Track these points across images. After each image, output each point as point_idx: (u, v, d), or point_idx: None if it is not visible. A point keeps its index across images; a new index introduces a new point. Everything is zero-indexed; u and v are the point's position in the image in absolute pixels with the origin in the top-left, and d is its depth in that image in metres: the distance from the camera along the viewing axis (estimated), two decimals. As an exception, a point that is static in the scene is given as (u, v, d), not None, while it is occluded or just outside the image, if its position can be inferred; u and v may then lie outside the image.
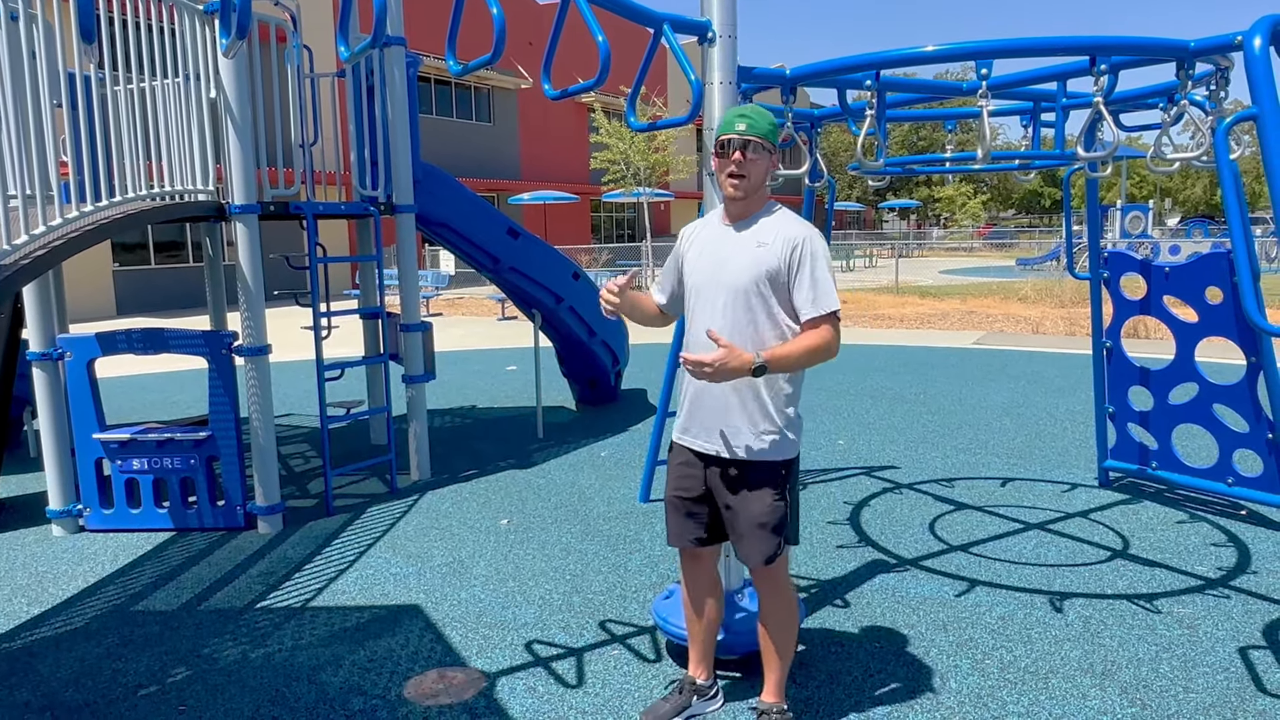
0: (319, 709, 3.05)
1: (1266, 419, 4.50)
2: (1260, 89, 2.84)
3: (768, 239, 2.59)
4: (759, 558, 2.65)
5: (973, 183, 52.73)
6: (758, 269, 2.56)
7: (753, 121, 2.56)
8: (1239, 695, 3.03)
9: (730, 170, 2.57)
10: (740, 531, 2.66)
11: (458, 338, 13.84)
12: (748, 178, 2.57)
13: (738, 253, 2.61)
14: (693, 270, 2.71)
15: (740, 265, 2.58)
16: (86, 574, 4.33)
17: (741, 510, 2.64)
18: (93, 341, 4.84)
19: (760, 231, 2.61)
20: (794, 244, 2.56)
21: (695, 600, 2.89)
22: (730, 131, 2.57)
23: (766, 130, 2.57)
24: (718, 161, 2.63)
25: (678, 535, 2.82)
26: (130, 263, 19.44)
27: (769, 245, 2.58)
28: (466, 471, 6.04)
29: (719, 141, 2.61)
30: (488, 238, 6.54)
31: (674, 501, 2.80)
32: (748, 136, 2.55)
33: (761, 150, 2.57)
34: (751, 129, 2.55)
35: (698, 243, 2.75)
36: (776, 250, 2.56)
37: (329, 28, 20.57)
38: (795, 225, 2.62)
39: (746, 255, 2.59)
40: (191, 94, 4.74)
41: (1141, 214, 24.05)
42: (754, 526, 2.62)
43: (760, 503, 2.62)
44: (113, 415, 5.82)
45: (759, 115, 2.59)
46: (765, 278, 2.56)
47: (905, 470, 5.89)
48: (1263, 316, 3.05)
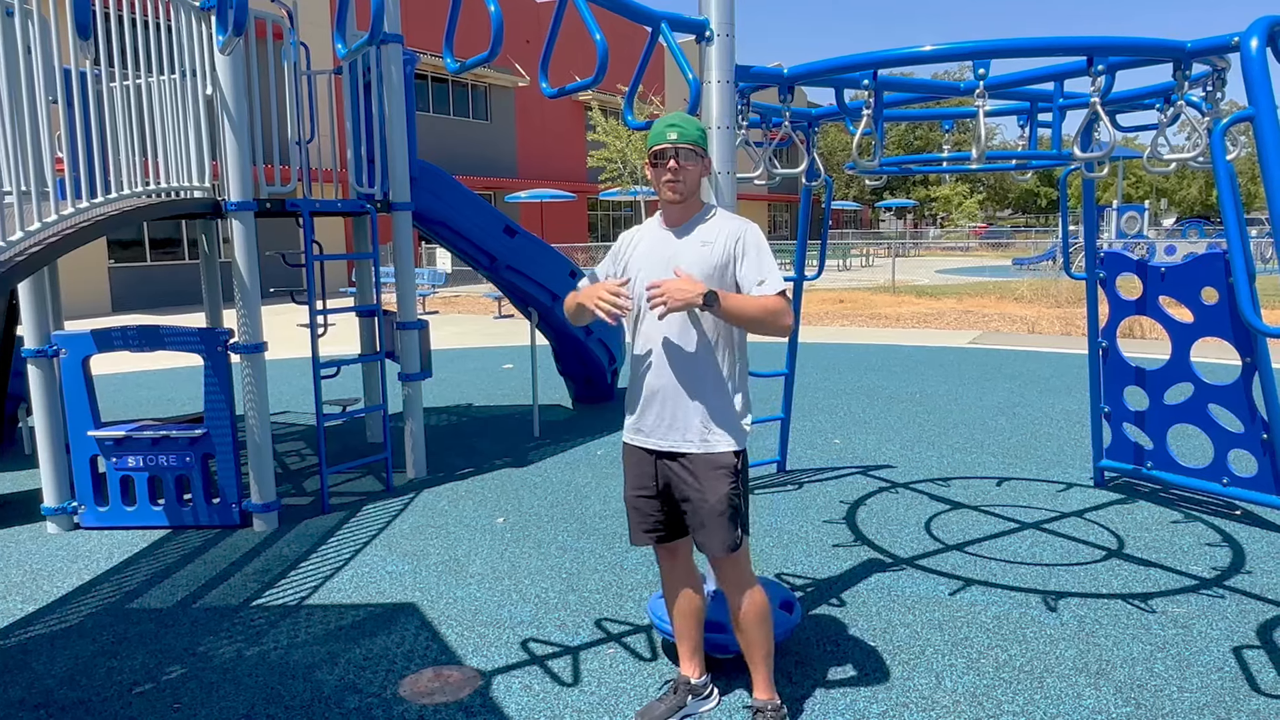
0: (314, 707, 3.04)
1: (1261, 419, 4.52)
2: (1257, 90, 2.84)
3: (711, 237, 2.70)
4: (721, 546, 2.70)
5: (969, 182, 52.81)
6: (705, 266, 2.66)
7: (682, 129, 2.67)
8: (1233, 695, 3.04)
9: (667, 178, 2.67)
10: (701, 521, 2.71)
11: (454, 336, 13.83)
12: (683, 182, 2.68)
13: (683, 254, 2.69)
14: (637, 275, 2.76)
15: (687, 266, 2.66)
16: (81, 571, 4.32)
17: (700, 501, 2.69)
18: (88, 338, 4.82)
19: (703, 232, 2.72)
20: (736, 236, 2.70)
21: (674, 595, 2.93)
22: (663, 141, 2.67)
23: (696, 136, 2.69)
24: (653, 170, 2.72)
25: (640, 532, 2.87)
26: (126, 259, 19.41)
27: (713, 243, 2.69)
28: (463, 470, 6.04)
29: (653, 151, 2.69)
30: (484, 236, 6.53)
31: (632, 501, 2.86)
32: (679, 145, 2.65)
33: (693, 156, 2.68)
34: (682, 137, 2.66)
35: (640, 249, 2.81)
36: (720, 245, 2.68)
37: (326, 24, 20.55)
38: (734, 221, 2.75)
39: (693, 254, 2.68)
40: (188, 90, 4.72)
41: (1137, 214, 24.08)
42: (714, 515, 2.68)
43: (717, 492, 2.68)
44: (108, 412, 5.81)
45: (687, 123, 2.71)
46: (714, 274, 2.65)
47: (901, 469, 5.90)
48: (1258, 317, 3.06)
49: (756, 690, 2.84)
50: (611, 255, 2.91)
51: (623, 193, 24.77)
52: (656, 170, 2.70)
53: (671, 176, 2.66)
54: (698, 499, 2.70)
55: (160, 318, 15.93)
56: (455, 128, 28.24)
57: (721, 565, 2.76)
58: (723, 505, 2.68)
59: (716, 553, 2.72)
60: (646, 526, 2.85)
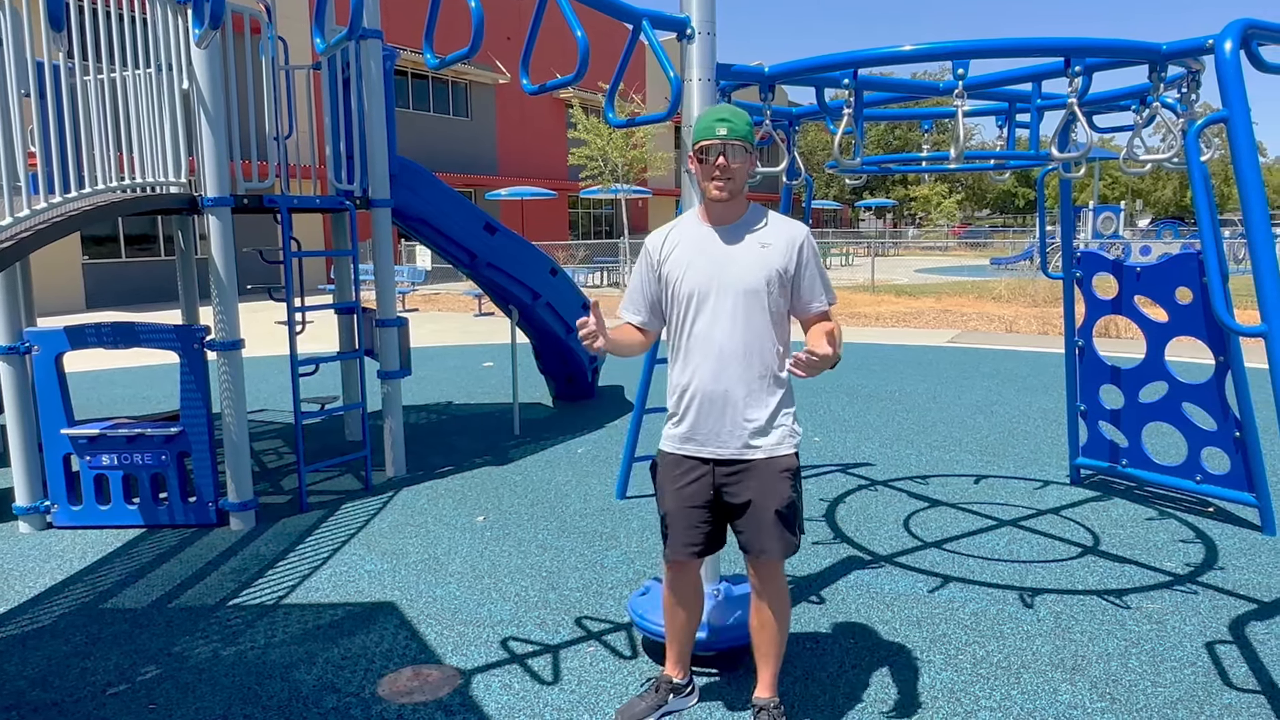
0: (292, 707, 3.02)
1: (1234, 417, 4.58)
2: (1230, 92, 2.88)
3: (770, 240, 2.62)
4: (781, 550, 2.66)
5: (948, 182, 53.16)
6: (766, 270, 2.59)
7: (732, 125, 2.56)
8: (1206, 689, 3.08)
9: (714, 175, 2.57)
10: (762, 526, 2.64)
11: (434, 333, 13.77)
12: (733, 179, 2.58)
13: (740, 254, 2.61)
14: (684, 275, 2.64)
15: (747, 267, 2.59)
16: (54, 571, 4.27)
17: (763, 506, 2.63)
18: (61, 335, 4.76)
19: (760, 233, 2.63)
20: (798, 244, 2.63)
21: (680, 606, 2.87)
22: (711, 136, 2.56)
23: (745, 131, 2.58)
24: (698, 166, 2.61)
25: (683, 546, 2.75)
26: (100, 255, 19.17)
27: (773, 246, 2.61)
28: (442, 468, 6.01)
29: (699, 146, 2.59)
30: (465, 233, 6.50)
31: (681, 512, 2.73)
32: (729, 141, 2.54)
33: (742, 152, 2.58)
34: (732, 132, 2.55)
35: (680, 249, 2.68)
36: (781, 250, 2.60)
37: (304, 19, 20.40)
38: (792, 226, 2.67)
39: (752, 257, 2.60)
40: (164, 85, 4.67)
41: (1113, 215, 24.37)
42: (777, 519, 2.63)
43: (780, 496, 2.63)
44: (81, 410, 5.74)
45: (736, 116, 2.59)
46: (774, 278, 2.59)
47: (880, 467, 5.93)
48: (1231, 316, 3.10)
49: (760, 688, 2.83)
50: (643, 266, 2.77)
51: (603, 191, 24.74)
52: (703, 167, 2.58)
53: (720, 174, 2.56)
54: (760, 504, 2.63)
55: (136, 314, 15.75)
56: (435, 124, 28.11)
57: (768, 570, 2.71)
58: (786, 509, 2.64)
59: (776, 556, 2.66)
60: (691, 540, 2.73)
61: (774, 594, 2.74)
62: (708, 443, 2.67)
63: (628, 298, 2.81)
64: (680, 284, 2.66)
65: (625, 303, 2.82)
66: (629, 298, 2.81)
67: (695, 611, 2.92)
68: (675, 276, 2.67)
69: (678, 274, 2.66)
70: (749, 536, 2.68)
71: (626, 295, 2.82)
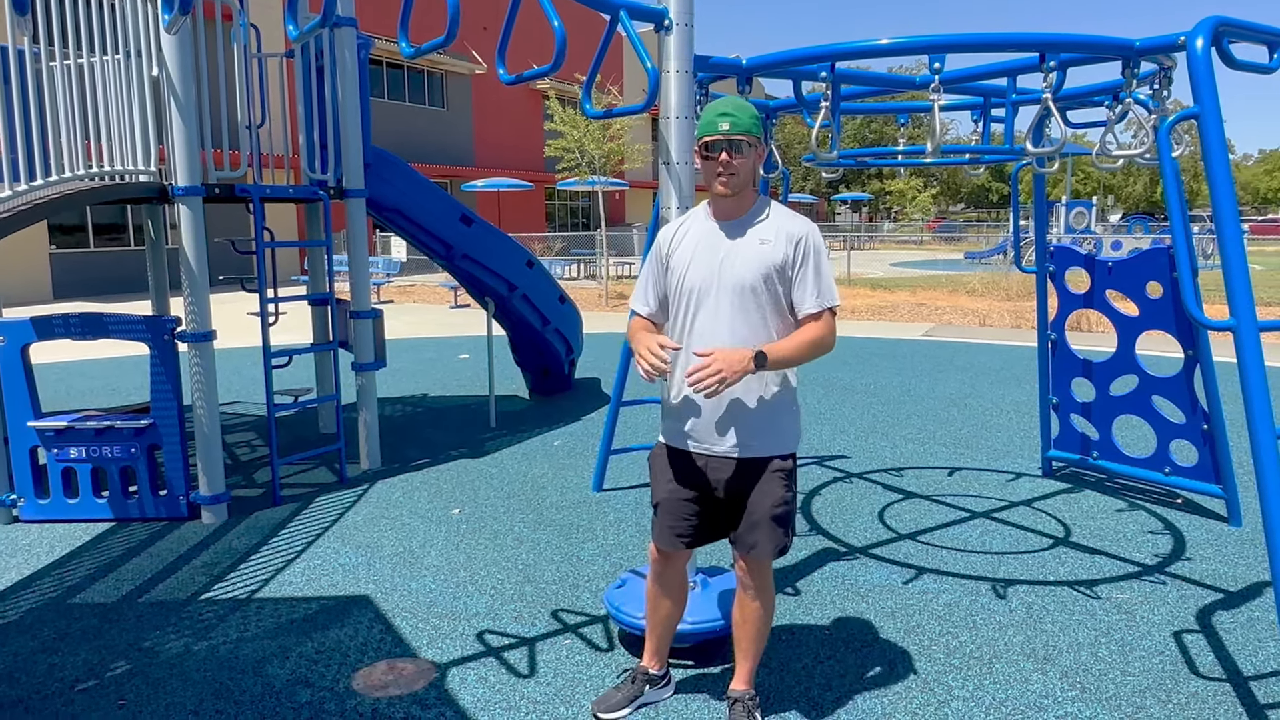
0: (265, 701, 2.99)
1: (1202, 410, 4.65)
2: (1201, 88, 2.91)
3: (770, 235, 2.57)
4: (772, 550, 2.65)
5: (923, 177, 53.50)
6: (764, 266, 2.55)
7: (735, 119, 2.52)
8: (1173, 678, 3.13)
9: (719, 171, 2.54)
10: (755, 523, 2.63)
11: (409, 325, 13.67)
12: (736, 175, 2.55)
13: (739, 250, 2.58)
14: (686, 271, 2.63)
15: (744, 263, 2.56)
16: (21, 566, 4.20)
17: (758, 503, 2.63)
18: (27, 326, 4.67)
19: (761, 229, 2.59)
20: (797, 239, 2.57)
21: (664, 597, 2.87)
22: (714, 132, 2.52)
23: (749, 125, 2.53)
24: (704, 162, 2.58)
25: (672, 536, 2.75)
26: (68, 245, 18.84)
27: (772, 242, 2.57)
28: (417, 460, 5.97)
29: (703, 142, 2.56)
30: (440, 224, 6.45)
31: (671, 504, 2.73)
32: (732, 136, 2.51)
33: (747, 147, 2.54)
34: (735, 127, 2.51)
35: (686, 243, 2.66)
36: (780, 246, 2.56)
37: (277, 6, 20.09)
38: (795, 221, 2.61)
39: (750, 252, 2.57)
40: (133, 71, 4.58)
41: (1085, 210, 24.63)
42: (769, 519, 2.62)
43: (774, 495, 2.62)
44: (49, 402, 5.64)
45: (741, 110, 2.54)
46: (772, 274, 2.55)
47: (855, 460, 5.97)
48: (1200, 310, 3.14)
49: (737, 681, 2.84)
50: (652, 260, 2.74)
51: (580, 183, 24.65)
52: (707, 163, 2.56)
53: (723, 170, 2.52)
54: (755, 503, 2.62)
55: (104, 305, 15.51)
56: (411, 114, 27.86)
57: (757, 567, 2.71)
58: (779, 509, 2.63)
59: (766, 556, 2.66)
60: (679, 530, 2.73)
61: (761, 590, 2.74)
62: (704, 439, 2.65)
63: (638, 290, 2.80)
64: (683, 279, 2.63)
65: (636, 295, 2.81)
66: (639, 290, 2.80)
67: (678, 604, 2.92)
68: (679, 271, 2.64)
69: (681, 269, 2.64)
70: (741, 533, 2.67)
71: (637, 288, 2.81)
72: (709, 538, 2.79)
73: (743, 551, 2.69)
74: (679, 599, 2.91)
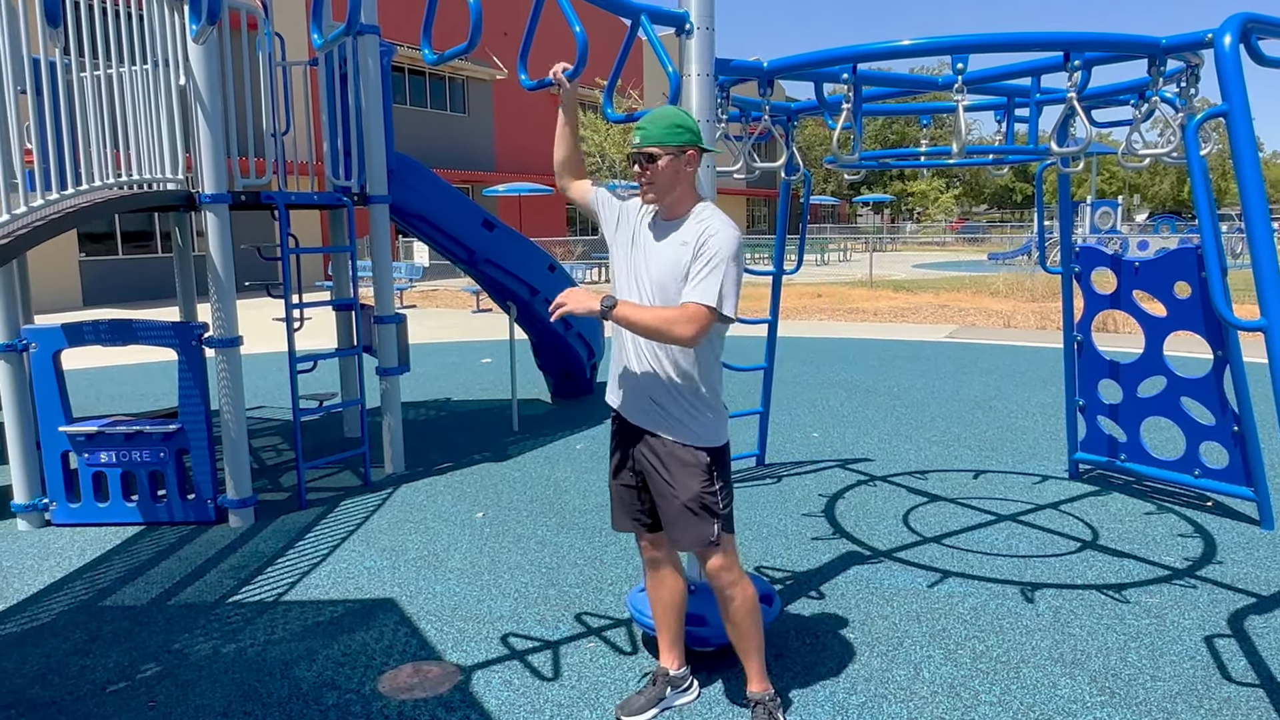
0: (292, 704, 3.02)
1: (1232, 412, 4.58)
2: (1230, 86, 2.87)
3: (687, 238, 2.64)
4: (692, 542, 2.72)
5: (945, 178, 53.17)
6: (677, 267, 2.62)
7: (645, 131, 2.63)
8: (1205, 683, 3.08)
9: (639, 180, 2.69)
10: (671, 518, 2.73)
11: (432, 330, 13.75)
12: (654, 183, 2.65)
13: (662, 249, 2.68)
14: (619, 248, 2.80)
15: (661, 262, 2.66)
16: (53, 569, 4.26)
17: (671, 497, 2.70)
18: (58, 333, 4.75)
19: (684, 231, 2.66)
20: (703, 239, 2.58)
21: (656, 586, 2.93)
22: (632, 146, 2.67)
23: (659, 135, 2.62)
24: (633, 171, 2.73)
25: (621, 519, 2.91)
26: (97, 252, 19.13)
27: (688, 244, 2.63)
28: (441, 464, 6.01)
29: (628, 155, 2.71)
30: (463, 229, 6.49)
31: (615, 489, 2.90)
32: (643, 149, 2.63)
33: (660, 156, 2.62)
34: (645, 139, 2.63)
35: (633, 225, 2.80)
36: (691, 247, 2.61)
37: (301, 15, 20.33)
38: (712, 223, 2.61)
39: (669, 251, 2.66)
40: (161, 81, 4.65)
41: (1111, 209, 24.37)
42: (683, 513, 2.69)
43: (688, 489, 2.68)
44: (79, 408, 5.73)
45: (653, 122, 2.65)
46: (680, 275, 2.61)
47: (879, 463, 5.94)
48: (1230, 310, 3.09)
49: (751, 683, 2.85)
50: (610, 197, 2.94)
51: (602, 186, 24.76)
52: (635, 172, 2.71)
53: (640, 179, 2.67)
54: (669, 494, 2.70)
55: (133, 311, 15.72)
56: (432, 120, 28.05)
57: (706, 559, 2.75)
58: (693, 503, 2.68)
59: (687, 548, 2.77)
60: (630, 514, 2.88)
61: (720, 584, 2.76)
62: (625, 405, 2.79)
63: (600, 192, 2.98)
64: (616, 253, 2.81)
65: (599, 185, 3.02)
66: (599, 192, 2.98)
67: (674, 591, 2.93)
68: (615, 242, 2.83)
69: (618, 241, 2.82)
70: (665, 527, 2.79)
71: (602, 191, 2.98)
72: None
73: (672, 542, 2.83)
74: (674, 586, 2.93)
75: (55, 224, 3.73)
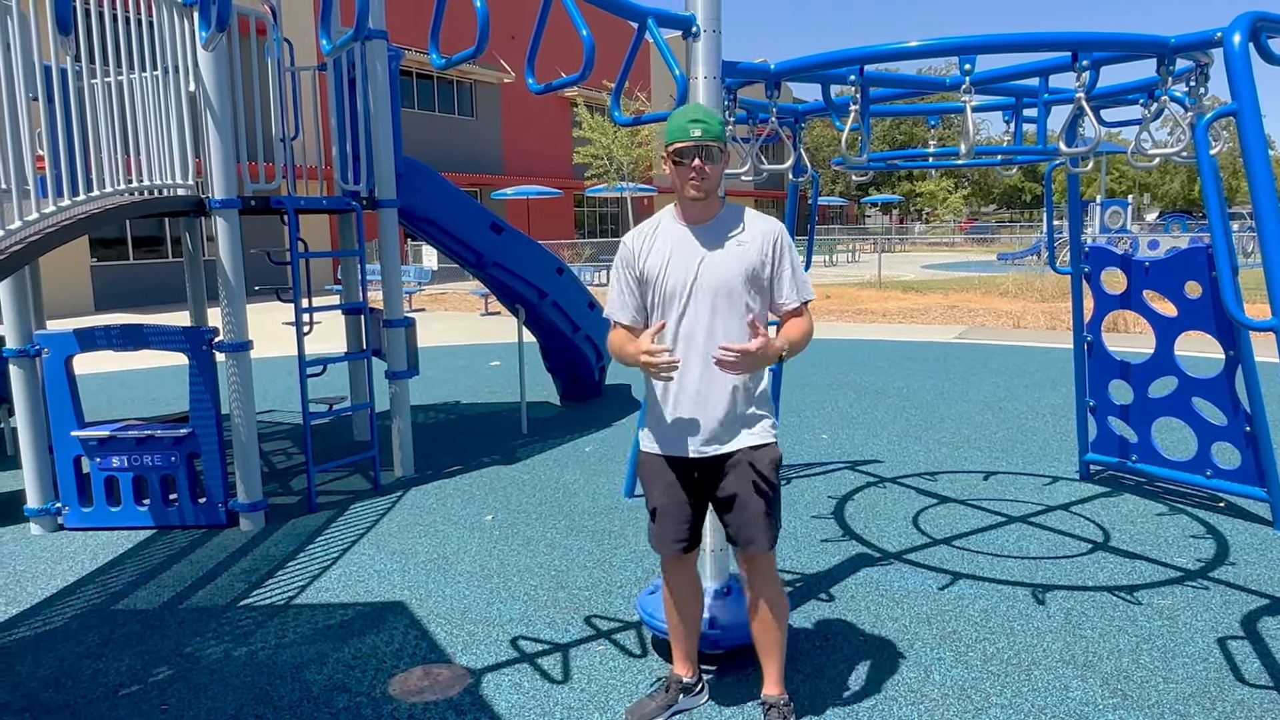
0: (303, 707, 3.03)
1: (1244, 412, 4.56)
2: (1239, 85, 2.86)
3: (745, 237, 2.63)
4: (767, 542, 2.69)
5: (954, 178, 53.04)
6: (742, 267, 2.60)
7: (706, 126, 2.55)
8: (1218, 685, 3.07)
9: (690, 177, 2.57)
10: (747, 520, 2.67)
11: (441, 333, 13.79)
12: (708, 179, 2.59)
13: (718, 253, 2.62)
14: (664, 275, 2.64)
15: (724, 265, 2.60)
16: (65, 573, 4.29)
17: (748, 499, 2.66)
18: (70, 338, 4.78)
19: (735, 230, 2.65)
20: (772, 239, 2.65)
21: (680, 602, 2.89)
22: (685, 138, 2.55)
23: (719, 132, 2.59)
24: (674, 167, 2.60)
25: (672, 542, 2.77)
26: (108, 258, 19.24)
27: (749, 243, 2.62)
28: (450, 467, 6.02)
29: (674, 148, 2.58)
30: (471, 233, 6.51)
31: (671, 509, 2.74)
32: (704, 143, 2.55)
33: (718, 153, 2.60)
34: (707, 134, 2.55)
35: (657, 248, 2.67)
36: (757, 247, 2.62)
37: (310, 21, 20.43)
38: (766, 221, 2.70)
39: (728, 254, 2.61)
40: (170, 87, 4.68)
41: (1120, 209, 24.25)
42: (761, 514, 2.66)
43: (763, 489, 2.66)
44: (91, 412, 5.76)
45: (710, 117, 2.59)
46: (750, 274, 2.61)
47: (888, 464, 5.92)
48: (1241, 310, 3.08)
49: (768, 686, 2.84)
50: (623, 267, 2.73)
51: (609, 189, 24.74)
52: (680, 169, 2.58)
53: (696, 176, 2.56)
54: (745, 497, 2.66)
55: (144, 316, 15.81)
56: (441, 124, 28.13)
57: (758, 562, 2.73)
58: (769, 502, 2.68)
59: (763, 549, 2.69)
60: (679, 535, 2.76)
61: (768, 587, 2.76)
62: (693, 441, 2.67)
63: (614, 301, 2.77)
64: (661, 284, 2.65)
65: (613, 305, 2.78)
66: (615, 300, 2.77)
67: (694, 608, 2.93)
68: (654, 275, 2.66)
69: (656, 273, 2.66)
70: (736, 530, 2.72)
71: (612, 298, 2.78)
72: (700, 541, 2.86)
73: (742, 548, 2.73)
74: (694, 602, 2.92)
75: (67, 230, 3.75)
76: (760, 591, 2.76)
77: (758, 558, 2.72)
